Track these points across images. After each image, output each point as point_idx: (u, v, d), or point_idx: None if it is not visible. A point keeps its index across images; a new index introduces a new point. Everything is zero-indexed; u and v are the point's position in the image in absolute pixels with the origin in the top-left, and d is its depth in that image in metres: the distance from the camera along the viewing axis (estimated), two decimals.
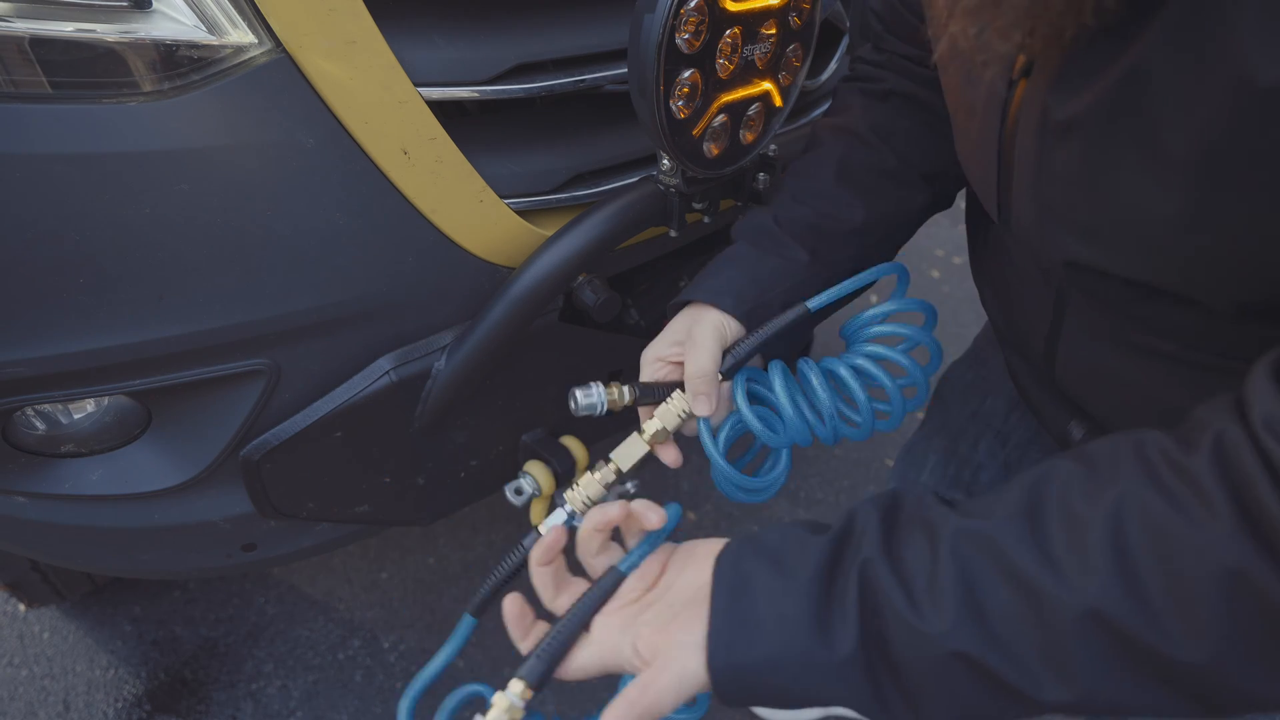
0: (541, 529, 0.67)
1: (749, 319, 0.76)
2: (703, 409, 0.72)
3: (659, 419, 0.73)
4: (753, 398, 0.76)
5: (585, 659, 0.57)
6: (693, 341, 0.74)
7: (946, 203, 0.90)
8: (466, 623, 0.67)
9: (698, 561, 0.56)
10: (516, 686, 0.56)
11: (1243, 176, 0.43)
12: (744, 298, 0.76)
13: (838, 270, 0.80)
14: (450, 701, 0.63)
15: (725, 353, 0.74)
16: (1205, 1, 0.41)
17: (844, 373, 0.77)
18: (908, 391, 0.79)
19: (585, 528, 0.60)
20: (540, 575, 0.60)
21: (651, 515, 0.58)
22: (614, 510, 0.58)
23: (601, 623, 0.58)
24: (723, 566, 0.53)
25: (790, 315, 0.75)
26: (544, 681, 0.56)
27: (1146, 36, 0.45)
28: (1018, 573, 0.45)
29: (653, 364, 0.76)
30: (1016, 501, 0.48)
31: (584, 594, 0.59)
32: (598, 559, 0.61)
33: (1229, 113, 0.42)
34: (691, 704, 0.58)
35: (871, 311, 0.80)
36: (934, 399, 1.16)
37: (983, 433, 1.03)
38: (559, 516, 0.69)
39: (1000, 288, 0.79)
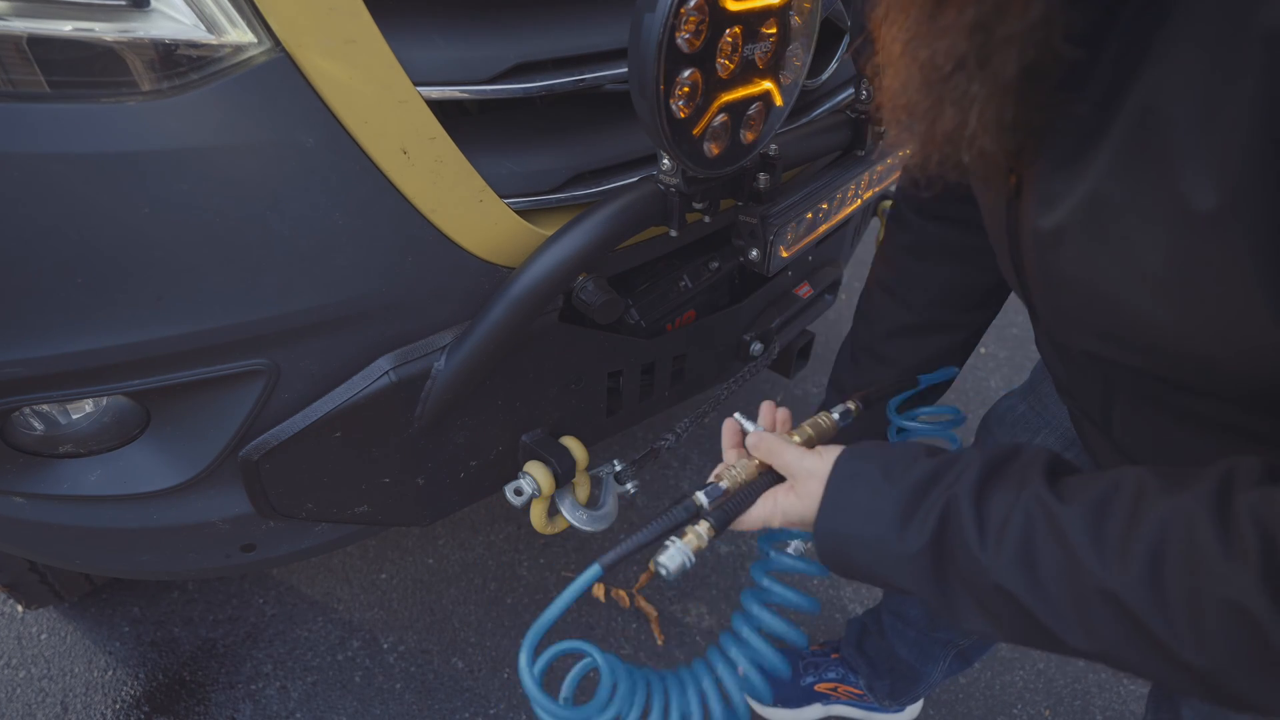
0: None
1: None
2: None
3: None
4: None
5: (753, 513, 0.73)
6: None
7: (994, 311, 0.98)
8: (592, 571, 0.71)
9: (831, 452, 0.69)
10: (703, 525, 0.72)
11: (1207, 289, 0.45)
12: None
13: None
14: (553, 650, 0.72)
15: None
16: (1149, 125, 0.44)
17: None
18: None
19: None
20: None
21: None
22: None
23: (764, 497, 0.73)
24: (844, 457, 0.67)
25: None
26: (724, 527, 0.73)
27: (1098, 160, 0.47)
28: (1067, 540, 0.52)
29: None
30: (1098, 487, 0.54)
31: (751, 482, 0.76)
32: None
33: (1179, 234, 0.44)
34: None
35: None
36: (981, 429, 1.13)
37: None
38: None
39: (1059, 349, 0.78)
